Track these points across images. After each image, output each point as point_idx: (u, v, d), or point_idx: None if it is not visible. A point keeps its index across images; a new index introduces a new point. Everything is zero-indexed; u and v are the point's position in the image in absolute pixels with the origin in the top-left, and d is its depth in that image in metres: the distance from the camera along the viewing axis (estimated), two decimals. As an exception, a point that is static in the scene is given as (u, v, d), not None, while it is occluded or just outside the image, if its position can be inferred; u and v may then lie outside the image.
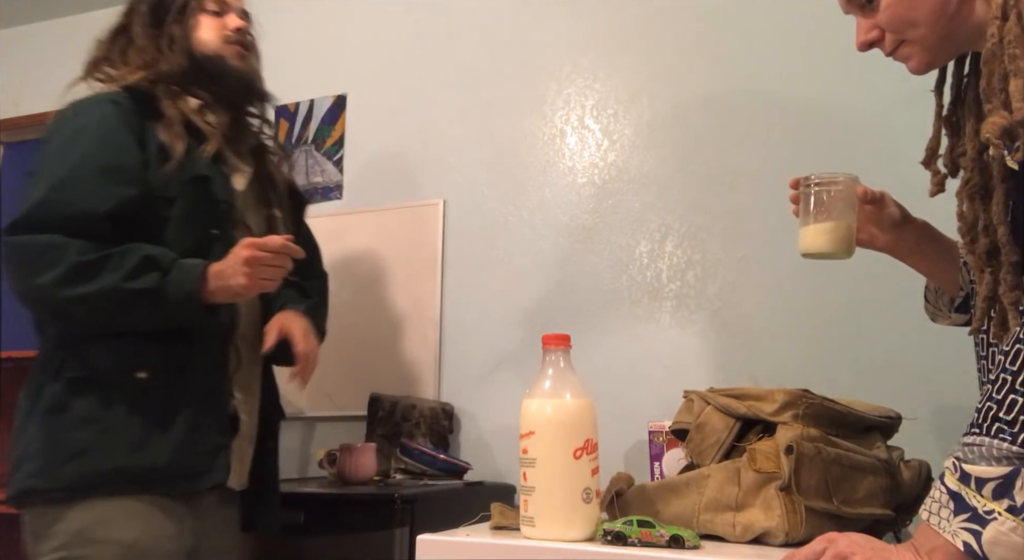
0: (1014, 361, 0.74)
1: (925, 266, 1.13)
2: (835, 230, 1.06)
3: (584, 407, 1.02)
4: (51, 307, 1.27)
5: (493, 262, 2.17)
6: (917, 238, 1.11)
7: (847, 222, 1.07)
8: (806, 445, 0.99)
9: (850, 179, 1.07)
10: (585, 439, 1.00)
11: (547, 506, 1.00)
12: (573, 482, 0.99)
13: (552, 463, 1.00)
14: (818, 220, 1.07)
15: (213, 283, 1.28)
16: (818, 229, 1.07)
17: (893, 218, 1.11)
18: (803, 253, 1.10)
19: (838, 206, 1.06)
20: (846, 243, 1.07)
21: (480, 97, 2.27)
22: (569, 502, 0.99)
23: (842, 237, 1.06)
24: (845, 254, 1.08)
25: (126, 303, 1.24)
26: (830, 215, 1.06)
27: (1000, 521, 0.70)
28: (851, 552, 0.77)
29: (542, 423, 1.01)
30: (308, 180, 2.46)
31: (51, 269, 1.21)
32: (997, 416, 0.73)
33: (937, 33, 0.93)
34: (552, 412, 1.01)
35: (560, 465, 0.99)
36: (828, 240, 1.06)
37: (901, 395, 1.40)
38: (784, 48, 1.95)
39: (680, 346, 1.93)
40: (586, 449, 1.00)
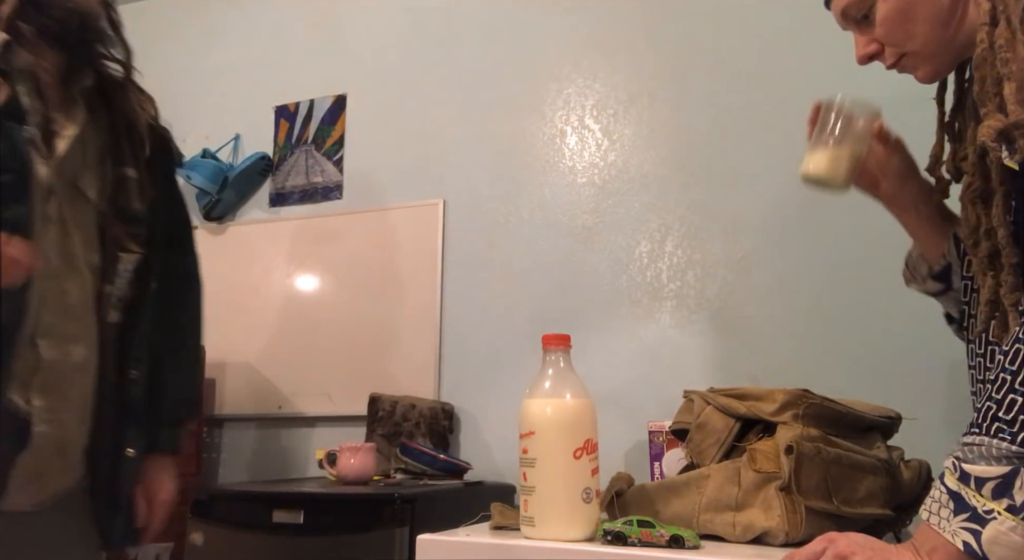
0: (1013, 360, 0.74)
1: (916, 227, 1.10)
2: (840, 158, 1.02)
3: (584, 407, 1.02)
4: None
5: (493, 262, 2.17)
6: (917, 196, 1.08)
7: (854, 153, 1.03)
8: (806, 445, 0.99)
9: (872, 112, 1.03)
10: (585, 439, 1.00)
11: (547, 506, 0.99)
12: (573, 482, 0.99)
13: (552, 463, 1.00)
14: (827, 145, 1.03)
15: None
16: (824, 153, 1.03)
17: (901, 168, 1.08)
18: (802, 175, 1.06)
19: (850, 135, 1.02)
20: (847, 173, 1.03)
21: (480, 97, 2.27)
22: (569, 502, 0.99)
23: (844, 166, 1.03)
24: (843, 184, 1.04)
25: None
26: (840, 142, 1.02)
27: (1000, 521, 0.70)
28: (851, 552, 0.77)
29: (542, 423, 1.01)
30: (308, 180, 2.46)
31: None
32: (997, 416, 0.73)
33: (936, 42, 0.93)
34: (552, 412, 1.01)
35: (560, 465, 0.99)
36: (829, 166, 1.03)
37: (901, 395, 1.40)
38: (784, 48, 1.95)
39: (680, 346, 1.93)
40: (586, 449, 1.00)
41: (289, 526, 1.59)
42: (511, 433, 2.05)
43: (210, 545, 1.69)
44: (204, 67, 2.69)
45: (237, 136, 2.58)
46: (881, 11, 0.95)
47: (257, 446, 2.35)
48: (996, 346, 0.93)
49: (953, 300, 1.09)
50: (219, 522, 1.69)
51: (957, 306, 1.08)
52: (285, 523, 1.59)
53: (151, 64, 2.78)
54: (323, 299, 2.35)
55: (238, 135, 2.58)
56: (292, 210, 2.47)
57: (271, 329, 2.38)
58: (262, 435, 2.35)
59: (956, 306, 1.09)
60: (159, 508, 1.31)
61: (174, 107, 2.71)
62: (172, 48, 2.75)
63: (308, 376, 2.31)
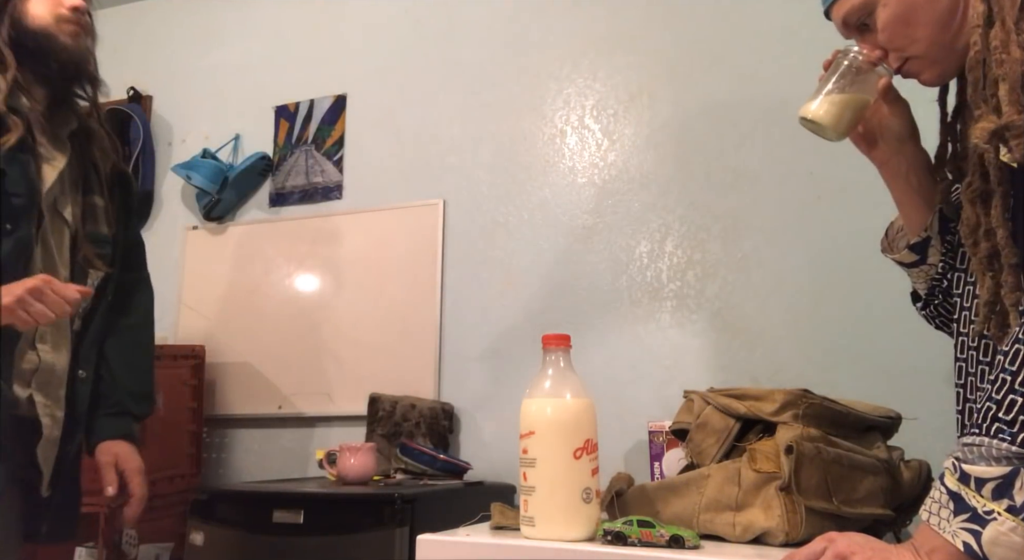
0: (1013, 361, 0.74)
1: (904, 195, 1.08)
2: (842, 106, 1.01)
3: (584, 407, 1.02)
4: None
5: (493, 262, 2.17)
6: (911, 164, 1.06)
7: (858, 104, 1.02)
8: (806, 445, 0.99)
9: (884, 71, 1.02)
10: (585, 439, 1.00)
11: (547, 506, 0.99)
12: (573, 482, 0.99)
13: (552, 463, 1.00)
14: (829, 90, 1.02)
15: None
16: (828, 98, 1.02)
17: (900, 131, 1.06)
18: (801, 116, 1.05)
19: (858, 85, 1.01)
20: (847, 123, 1.02)
21: (480, 97, 2.27)
22: (569, 502, 0.99)
23: (846, 116, 1.02)
24: (834, 133, 1.03)
25: None
26: (845, 90, 1.01)
27: (1000, 521, 0.70)
28: (851, 552, 0.77)
29: (542, 423, 1.01)
30: (308, 180, 2.46)
31: None
32: (996, 416, 0.73)
33: (939, 46, 0.93)
34: (552, 412, 1.01)
35: (560, 465, 0.99)
36: (830, 112, 1.01)
37: (901, 395, 1.40)
38: (784, 48, 1.95)
39: (680, 346, 1.93)
40: (586, 449, 1.00)
41: (289, 526, 1.59)
42: (511, 433, 2.05)
43: (210, 545, 1.69)
44: (204, 67, 2.69)
45: (237, 136, 2.58)
46: (882, 18, 0.95)
47: (257, 446, 2.35)
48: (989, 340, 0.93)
49: (924, 275, 1.09)
50: (219, 522, 1.69)
51: (927, 283, 1.09)
52: (285, 523, 1.59)
53: (151, 64, 2.80)
54: (323, 299, 2.35)
55: (238, 135, 2.58)
56: (292, 210, 2.47)
57: (271, 329, 2.38)
58: (262, 435, 2.35)
59: (926, 283, 1.09)
60: (132, 476, 1.44)
61: (174, 107, 2.73)
62: (172, 48, 2.75)
63: (308, 376, 2.31)
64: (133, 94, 2.70)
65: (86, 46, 1.40)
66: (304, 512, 1.61)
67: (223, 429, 2.39)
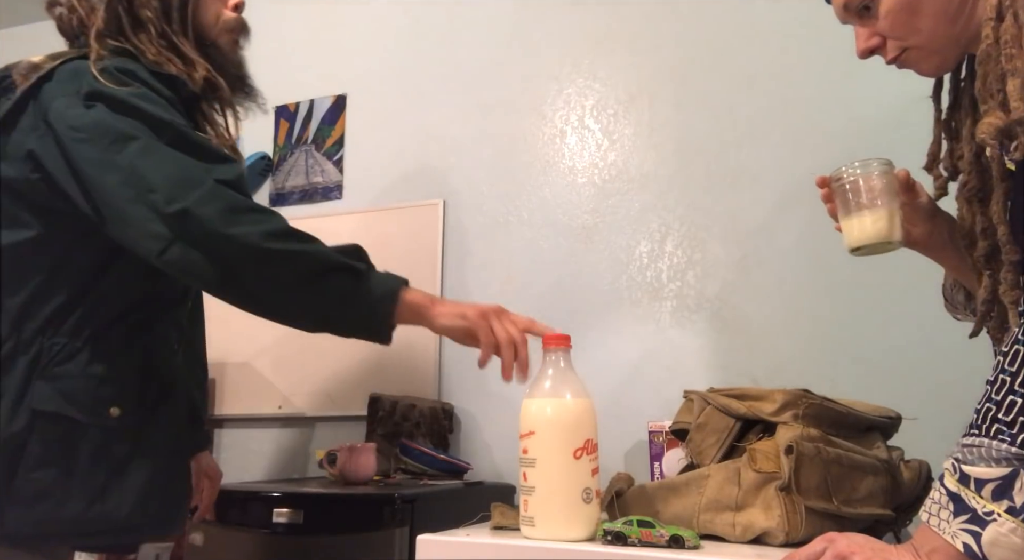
0: (1012, 362, 0.74)
1: (958, 261, 1.05)
2: (884, 217, 0.98)
3: (584, 407, 1.02)
4: (247, 255, 1.08)
5: (493, 262, 2.17)
6: (950, 230, 1.05)
7: (893, 208, 0.99)
8: (806, 445, 0.99)
9: (884, 163, 1.01)
10: (585, 439, 1.00)
11: (547, 506, 1.00)
12: (573, 482, 0.99)
13: (552, 463, 1.00)
14: (862, 210, 0.99)
15: (415, 296, 1.19)
16: (864, 220, 0.99)
17: (927, 209, 1.06)
18: (852, 248, 1.02)
19: (882, 193, 0.99)
20: (900, 229, 0.99)
21: (480, 97, 2.27)
22: (569, 502, 0.99)
23: (895, 223, 0.99)
24: (900, 241, 1.00)
25: (328, 274, 1.12)
26: (874, 203, 0.98)
27: (1000, 522, 0.70)
28: (851, 552, 0.77)
29: (542, 423, 1.02)
30: (308, 180, 2.46)
31: (260, 222, 1.09)
32: (996, 417, 0.73)
33: (942, 36, 0.92)
34: (552, 412, 1.01)
35: (560, 465, 0.99)
36: (882, 228, 0.98)
37: (901, 395, 1.40)
38: (784, 48, 1.95)
39: (680, 346, 1.93)
40: (586, 449, 1.00)
41: (289, 526, 1.59)
42: (511, 433, 2.05)
43: (210, 545, 1.69)
44: (204, 67, 2.69)
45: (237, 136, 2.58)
46: (886, 4, 0.94)
47: (257, 446, 2.35)
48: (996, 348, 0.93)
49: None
50: (219, 522, 1.69)
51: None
52: (285, 523, 1.59)
53: (151, 64, 2.78)
54: (323, 299, 2.35)
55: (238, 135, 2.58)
56: (292, 210, 2.47)
57: (271, 329, 2.36)
58: (262, 435, 2.35)
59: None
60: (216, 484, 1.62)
61: (174, 107, 2.73)
62: (172, 48, 2.75)
63: (308, 376, 2.31)
64: (133, 94, 2.70)
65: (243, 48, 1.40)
66: (304, 512, 1.61)
67: (223, 429, 2.39)
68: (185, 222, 1.05)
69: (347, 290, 1.14)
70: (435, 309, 1.19)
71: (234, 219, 1.07)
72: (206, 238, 1.06)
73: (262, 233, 1.08)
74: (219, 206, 1.07)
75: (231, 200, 1.09)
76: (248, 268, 1.10)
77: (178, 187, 1.06)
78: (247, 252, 1.08)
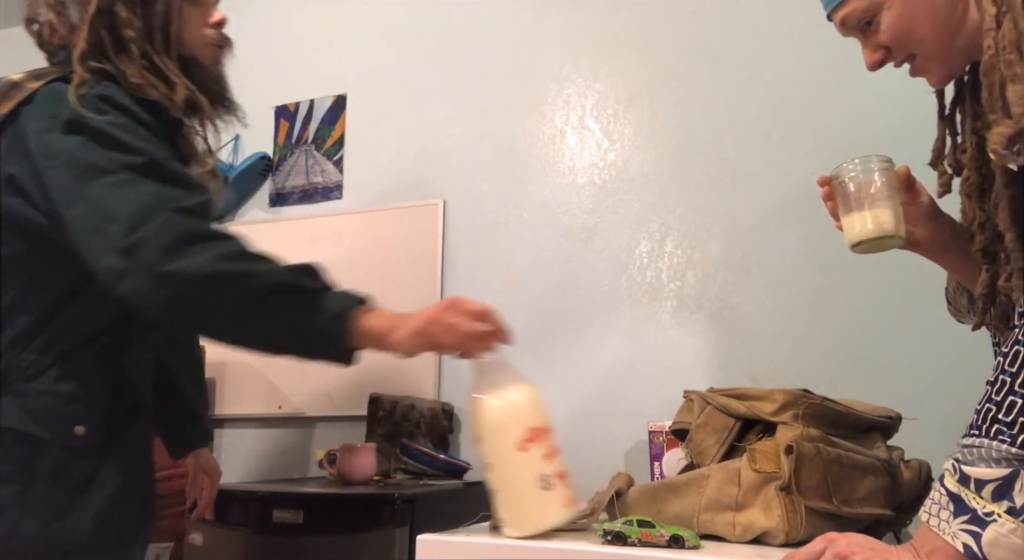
0: (1013, 362, 0.74)
1: (960, 263, 1.05)
2: (884, 213, 0.98)
3: (513, 401, 1.02)
4: (195, 283, 1.05)
5: (493, 262, 2.17)
6: (952, 232, 1.04)
7: (893, 204, 0.99)
8: (806, 445, 0.99)
9: (884, 160, 1.00)
10: (525, 429, 1.00)
11: (510, 504, 1.01)
12: (523, 474, 0.99)
13: (501, 462, 1.01)
14: (862, 206, 0.99)
15: (372, 322, 1.16)
16: (865, 215, 0.98)
17: (929, 210, 1.05)
18: (853, 244, 1.01)
19: (882, 189, 0.98)
20: (900, 224, 0.98)
21: (480, 97, 2.27)
22: (527, 494, 0.99)
23: (896, 218, 0.98)
24: (900, 236, 0.99)
25: (277, 294, 1.10)
26: (875, 199, 0.98)
27: (1000, 523, 0.70)
28: (851, 552, 0.77)
29: (480, 426, 1.03)
30: (308, 180, 2.46)
31: (212, 248, 1.07)
32: (996, 418, 0.73)
33: (944, 45, 0.93)
34: (483, 413, 1.02)
35: (508, 461, 1.00)
36: (882, 223, 0.97)
37: (901, 395, 1.40)
38: (784, 48, 1.95)
39: (680, 346, 1.93)
40: (531, 439, 0.99)
41: (289, 526, 1.59)
42: (511, 433, 2.05)
43: (210, 545, 1.69)
44: (204, 67, 2.69)
45: (237, 136, 2.58)
46: (885, 20, 0.95)
47: (257, 446, 2.35)
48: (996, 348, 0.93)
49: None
50: (219, 522, 1.69)
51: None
52: (285, 523, 1.59)
53: (151, 64, 2.78)
54: (323, 299, 2.35)
55: (238, 135, 2.58)
56: (292, 210, 2.47)
57: (271, 329, 2.38)
58: (262, 435, 2.35)
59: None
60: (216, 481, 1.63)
61: (174, 107, 2.73)
62: (172, 48, 2.75)
63: (308, 376, 2.31)
64: (133, 94, 2.70)
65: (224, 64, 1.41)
66: (304, 512, 1.61)
67: (223, 429, 2.39)
68: (136, 254, 1.03)
69: (295, 310, 1.11)
70: (393, 337, 1.16)
71: (183, 249, 1.05)
72: (153, 269, 1.04)
73: (212, 257, 1.06)
74: (170, 237, 1.05)
75: (185, 229, 1.07)
76: (197, 294, 1.07)
77: (136, 219, 1.05)
78: (195, 279, 1.06)
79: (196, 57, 1.30)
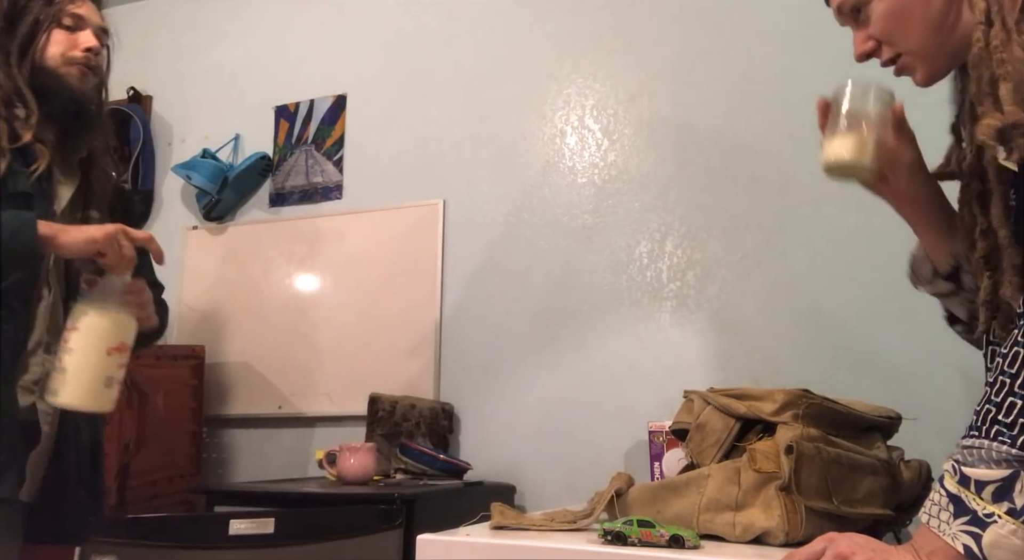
0: (1012, 364, 0.74)
1: (925, 225, 1.05)
2: (863, 142, 0.97)
3: (123, 318, 1.28)
4: None
5: (493, 262, 2.17)
6: (925, 193, 1.04)
7: (877, 135, 0.98)
8: (806, 445, 0.99)
9: (885, 92, 0.99)
10: (120, 341, 1.26)
11: (76, 383, 1.22)
12: (101, 370, 1.24)
13: (88, 353, 1.23)
14: (847, 131, 0.98)
15: (43, 228, 1.26)
16: (845, 140, 0.97)
17: (911, 162, 1.04)
18: (825, 165, 1.00)
19: (870, 119, 0.97)
20: (876, 157, 0.97)
21: (480, 97, 2.27)
22: (94, 383, 1.23)
23: (871, 149, 0.97)
24: (871, 168, 0.98)
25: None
26: (859, 125, 0.97)
27: (1000, 524, 0.70)
28: (851, 552, 0.77)
29: (83, 319, 1.24)
30: (308, 180, 2.46)
31: None
32: (996, 419, 0.73)
33: (932, 43, 0.93)
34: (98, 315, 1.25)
35: (95, 355, 1.23)
36: (858, 151, 0.96)
37: (901, 395, 1.40)
38: (784, 48, 1.95)
39: (680, 346, 1.93)
40: (119, 349, 1.26)
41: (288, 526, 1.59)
42: (511, 433, 2.06)
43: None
44: (204, 67, 2.69)
45: (237, 136, 2.58)
46: (877, 10, 0.95)
47: (257, 446, 2.35)
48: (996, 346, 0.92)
49: (963, 301, 1.05)
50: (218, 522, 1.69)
51: (966, 308, 1.05)
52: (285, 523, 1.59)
53: (151, 64, 2.80)
54: (323, 299, 2.35)
55: (238, 135, 2.58)
56: (292, 210, 2.47)
57: (271, 329, 2.38)
58: (262, 435, 2.35)
59: (965, 308, 1.05)
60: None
61: (174, 107, 2.73)
62: (172, 48, 2.75)
63: (308, 376, 2.31)
64: (133, 94, 2.70)
65: (93, 85, 1.51)
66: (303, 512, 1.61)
67: (223, 429, 2.39)
68: None
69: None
70: (63, 237, 1.28)
71: None
72: None
73: None
74: None
75: None
76: None
77: None
78: None
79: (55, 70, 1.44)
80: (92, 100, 1.51)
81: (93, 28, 1.49)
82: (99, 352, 1.25)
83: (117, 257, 1.30)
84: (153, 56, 2.75)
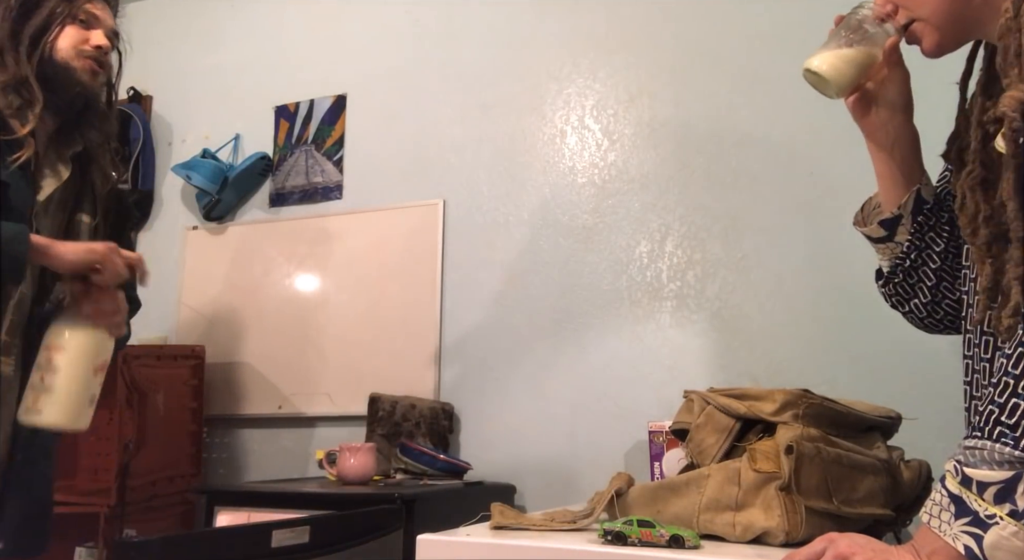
0: (1016, 364, 0.74)
1: (887, 168, 1.06)
2: (842, 59, 1.00)
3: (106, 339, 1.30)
4: None
5: (493, 262, 2.17)
6: (898, 137, 1.05)
7: (859, 62, 1.00)
8: (806, 445, 0.99)
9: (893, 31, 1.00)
10: (103, 361, 1.28)
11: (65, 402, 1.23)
12: (88, 389, 1.26)
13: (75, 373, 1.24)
14: (838, 44, 1.01)
15: (37, 240, 1.27)
16: (830, 52, 1.01)
17: (896, 100, 1.04)
18: (804, 68, 1.04)
19: (863, 42, 1.00)
20: (844, 78, 1.01)
21: (480, 97, 2.27)
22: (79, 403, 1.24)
23: (843, 71, 1.00)
24: (835, 88, 1.02)
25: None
26: (849, 45, 1.00)
27: (1002, 525, 0.70)
28: (852, 552, 0.77)
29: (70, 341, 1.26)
30: (308, 180, 2.46)
31: None
32: (999, 420, 0.73)
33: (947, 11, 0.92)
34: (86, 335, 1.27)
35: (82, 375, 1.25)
36: (830, 65, 1.00)
37: (901, 395, 1.40)
38: (783, 48, 1.95)
39: (680, 346, 1.93)
40: (102, 369, 1.28)
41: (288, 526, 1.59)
42: (511, 433, 2.06)
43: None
44: (204, 67, 2.69)
45: (237, 136, 2.58)
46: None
47: (257, 446, 2.35)
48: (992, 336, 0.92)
49: (889, 253, 1.09)
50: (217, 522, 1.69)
51: (891, 261, 1.09)
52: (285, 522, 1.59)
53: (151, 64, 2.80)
54: (323, 299, 2.35)
55: (238, 135, 2.58)
56: (292, 210, 2.47)
57: (271, 329, 2.38)
58: (262, 435, 2.35)
59: (890, 260, 1.09)
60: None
61: (174, 107, 2.73)
62: (172, 48, 2.75)
63: (308, 376, 2.31)
64: (133, 94, 2.70)
65: (101, 83, 1.51)
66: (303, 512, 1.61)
67: (223, 429, 2.39)
68: None
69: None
70: (58, 248, 1.30)
71: None
72: None
73: None
74: None
75: None
76: None
77: None
78: None
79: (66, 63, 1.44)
80: (99, 97, 1.52)
81: (105, 29, 1.51)
82: (87, 372, 1.26)
83: (113, 275, 1.31)
84: (153, 56, 2.74)
